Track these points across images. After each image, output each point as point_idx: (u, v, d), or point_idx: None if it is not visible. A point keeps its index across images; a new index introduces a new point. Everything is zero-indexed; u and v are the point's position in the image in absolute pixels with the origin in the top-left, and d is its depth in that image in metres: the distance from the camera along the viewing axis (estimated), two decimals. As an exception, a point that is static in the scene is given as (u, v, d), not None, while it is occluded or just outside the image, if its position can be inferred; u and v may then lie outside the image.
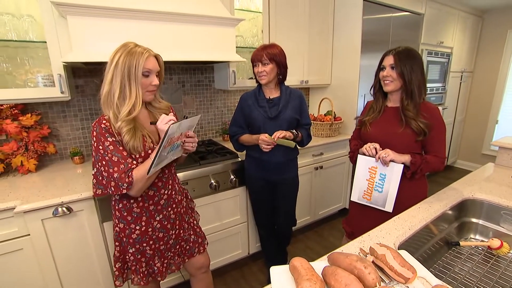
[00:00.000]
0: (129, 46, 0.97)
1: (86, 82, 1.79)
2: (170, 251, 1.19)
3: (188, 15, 1.47)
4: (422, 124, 1.18)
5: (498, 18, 3.55)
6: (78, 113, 1.81)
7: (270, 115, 1.52)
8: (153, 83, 1.02)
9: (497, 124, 3.72)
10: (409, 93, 1.19)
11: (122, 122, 0.96)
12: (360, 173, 1.28)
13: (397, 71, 1.19)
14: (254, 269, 2.05)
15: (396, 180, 1.19)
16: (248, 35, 2.14)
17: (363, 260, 0.68)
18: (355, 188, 1.31)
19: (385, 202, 1.24)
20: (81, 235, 1.36)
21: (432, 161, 1.20)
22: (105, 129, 0.96)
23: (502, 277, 0.98)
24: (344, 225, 1.55)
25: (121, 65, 0.95)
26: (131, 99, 0.97)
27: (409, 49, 1.21)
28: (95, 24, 1.26)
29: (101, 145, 0.96)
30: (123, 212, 1.07)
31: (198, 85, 2.21)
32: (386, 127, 1.27)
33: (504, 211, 1.16)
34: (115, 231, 1.12)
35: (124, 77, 0.96)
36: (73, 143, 1.82)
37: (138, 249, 1.10)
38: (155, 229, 1.11)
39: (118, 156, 0.96)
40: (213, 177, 1.70)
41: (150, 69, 0.99)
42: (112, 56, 0.97)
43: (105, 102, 0.99)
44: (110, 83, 0.97)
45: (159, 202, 1.11)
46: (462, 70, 3.61)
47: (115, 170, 0.95)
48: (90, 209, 1.35)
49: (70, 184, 1.40)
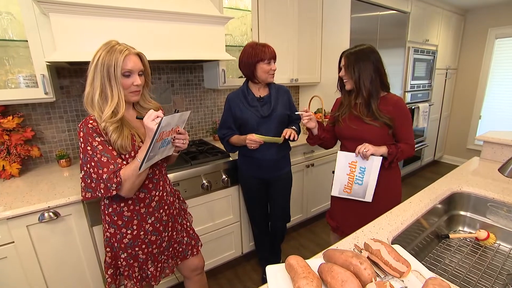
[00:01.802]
0: (110, 45, 0.94)
1: (71, 82, 1.73)
2: (163, 254, 1.17)
3: (176, 13, 1.44)
4: (385, 119, 1.24)
5: (479, 16, 3.67)
6: (63, 115, 1.75)
7: (263, 114, 1.51)
8: (135, 83, 0.97)
9: (481, 119, 3.85)
10: (361, 92, 1.26)
11: (105, 123, 0.93)
12: (340, 168, 1.33)
13: (347, 71, 1.27)
14: (248, 268, 2.05)
15: (375, 172, 1.27)
16: (237, 34, 2.12)
17: (358, 256, 0.68)
18: (336, 183, 1.36)
19: (365, 193, 1.32)
20: (70, 240, 1.31)
21: (405, 149, 1.28)
22: (93, 129, 0.93)
23: (489, 267, 1.01)
24: (328, 220, 1.57)
25: (100, 65, 0.91)
26: (113, 100, 0.93)
27: (362, 49, 1.27)
28: (79, 22, 1.22)
29: (89, 145, 0.92)
30: (113, 216, 1.04)
31: (187, 84, 2.18)
32: (358, 123, 1.31)
33: (490, 203, 1.20)
34: (106, 237, 1.09)
35: (104, 77, 0.91)
36: (59, 145, 1.76)
37: (130, 254, 1.07)
38: (147, 232, 1.09)
39: (107, 157, 0.92)
40: (205, 177, 1.68)
41: (130, 69, 0.94)
42: (93, 55, 0.93)
43: (88, 104, 0.95)
44: (91, 83, 0.93)
45: (150, 204, 1.08)
46: (447, 67, 3.71)
47: (104, 171, 0.91)
48: (78, 213, 1.31)
49: (57, 187, 1.36)
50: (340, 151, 1.34)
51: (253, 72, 1.48)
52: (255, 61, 1.45)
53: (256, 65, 1.46)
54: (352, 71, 1.25)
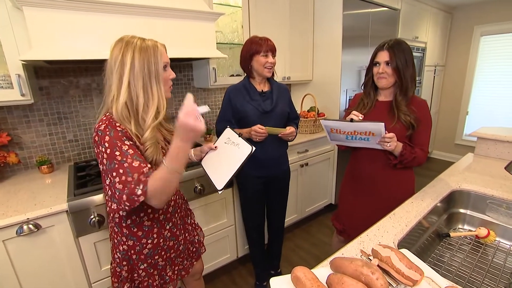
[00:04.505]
0: (134, 42, 0.85)
1: (52, 83, 1.62)
2: (179, 257, 1.13)
3: (163, 9, 1.36)
4: (411, 118, 1.18)
5: (465, 14, 3.73)
6: (44, 118, 1.63)
7: (265, 109, 1.46)
8: (171, 76, 0.93)
9: (468, 115, 3.93)
10: (404, 89, 1.19)
11: (150, 129, 0.84)
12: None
13: (392, 66, 1.17)
14: (244, 272, 1.99)
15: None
16: (228, 31, 2.06)
17: (369, 265, 0.63)
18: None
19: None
20: (53, 254, 1.21)
21: (419, 155, 1.21)
22: (122, 132, 0.83)
23: (492, 266, 0.99)
24: (334, 221, 1.53)
25: (138, 65, 0.82)
26: (154, 101, 0.85)
27: (400, 41, 1.20)
28: (56, 17, 1.12)
29: (118, 150, 0.80)
30: (132, 228, 0.96)
31: (176, 84, 2.10)
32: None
33: (490, 201, 1.19)
34: (121, 250, 0.99)
35: (145, 77, 0.84)
36: (40, 151, 1.65)
37: (150, 264, 1.01)
38: (166, 239, 1.04)
39: (139, 160, 0.81)
40: (198, 180, 1.61)
41: (167, 61, 0.90)
42: (119, 57, 0.83)
43: (123, 114, 0.83)
44: (127, 89, 0.83)
45: (168, 210, 1.03)
46: (435, 64, 3.75)
47: (134, 177, 0.78)
48: (62, 223, 1.21)
49: (38, 197, 1.25)
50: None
51: (249, 66, 1.45)
52: (251, 54, 1.42)
53: (252, 58, 1.42)
54: (399, 64, 1.14)
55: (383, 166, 1.27)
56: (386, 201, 1.29)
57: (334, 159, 2.55)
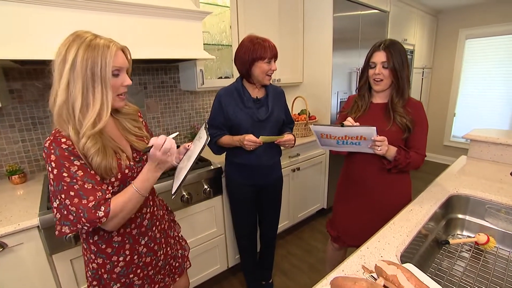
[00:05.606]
0: (86, 38, 0.74)
1: (24, 85, 1.49)
2: (159, 274, 1.02)
3: (147, 6, 1.28)
4: (407, 120, 1.13)
5: (450, 17, 3.80)
6: (15, 123, 1.50)
7: (259, 118, 1.37)
8: (124, 83, 0.81)
9: (455, 116, 3.98)
10: (400, 90, 1.14)
11: (87, 138, 0.73)
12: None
13: (389, 67, 1.12)
14: (235, 282, 1.90)
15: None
16: (216, 31, 1.98)
17: (374, 286, 0.57)
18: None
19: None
20: (22, 275, 1.09)
21: (414, 159, 1.16)
22: (68, 150, 0.73)
23: (495, 275, 0.95)
24: (329, 228, 1.47)
25: (80, 65, 0.71)
26: (95, 106, 0.74)
27: (395, 41, 1.15)
28: (24, 12, 1.02)
29: (66, 171, 0.72)
30: (100, 244, 0.86)
31: (162, 86, 2.00)
32: (373, 124, 1.20)
33: (488, 205, 1.15)
34: (91, 268, 0.90)
35: (87, 80, 0.72)
36: (11, 159, 1.52)
37: (124, 283, 0.91)
38: (141, 255, 0.93)
39: (92, 183, 0.74)
40: (184, 188, 1.52)
41: (120, 67, 0.78)
42: (63, 53, 0.72)
43: (61, 116, 0.74)
44: (66, 89, 0.72)
45: (142, 224, 0.92)
46: (423, 67, 3.80)
47: (90, 199, 0.73)
48: (32, 241, 1.09)
49: (4, 212, 1.13)
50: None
51: (248, 71, 1.33)
52: (253, 59, 1.29)
53: (254, 63, 1.30)
54: (396, 65, 1.10)
55: (378, 170, 1.22)
56: (382, 206, 1.24)
57: (326, 163, 2.50)
